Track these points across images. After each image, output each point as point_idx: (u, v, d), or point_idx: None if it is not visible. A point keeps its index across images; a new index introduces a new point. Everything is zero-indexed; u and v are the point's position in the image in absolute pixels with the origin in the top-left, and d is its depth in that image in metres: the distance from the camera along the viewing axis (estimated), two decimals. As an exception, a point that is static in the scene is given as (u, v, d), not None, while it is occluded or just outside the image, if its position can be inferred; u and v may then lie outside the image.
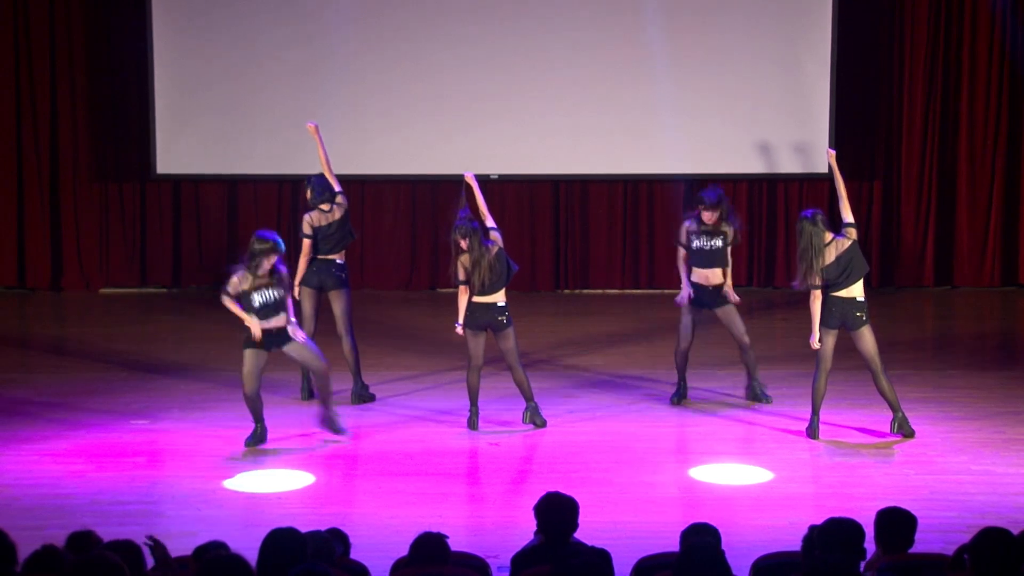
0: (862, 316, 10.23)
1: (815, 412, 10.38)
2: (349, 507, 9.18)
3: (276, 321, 10.10)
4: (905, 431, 10.37)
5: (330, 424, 10.33)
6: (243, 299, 10.08)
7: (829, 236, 10.24)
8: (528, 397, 10.73)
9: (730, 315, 11.12)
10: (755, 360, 11.29)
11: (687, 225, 11.20)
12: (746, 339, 11.15)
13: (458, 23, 15.39)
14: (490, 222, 10.71)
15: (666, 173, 15.72)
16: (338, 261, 11.30)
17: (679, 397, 11.34)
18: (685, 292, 11.17)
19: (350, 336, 11.25)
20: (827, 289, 10.22)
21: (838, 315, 10.23)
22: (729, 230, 11.10)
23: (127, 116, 15.74)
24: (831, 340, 10.28)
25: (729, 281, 11.18)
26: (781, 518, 8.78)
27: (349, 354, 11.28)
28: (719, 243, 11.06)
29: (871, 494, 9.05)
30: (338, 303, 11.29)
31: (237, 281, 10.12)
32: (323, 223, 11.29)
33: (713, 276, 11.12)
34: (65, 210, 15.95)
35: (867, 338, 10.23)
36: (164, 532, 8.15)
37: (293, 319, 10.21)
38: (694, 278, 11.16)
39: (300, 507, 9.04)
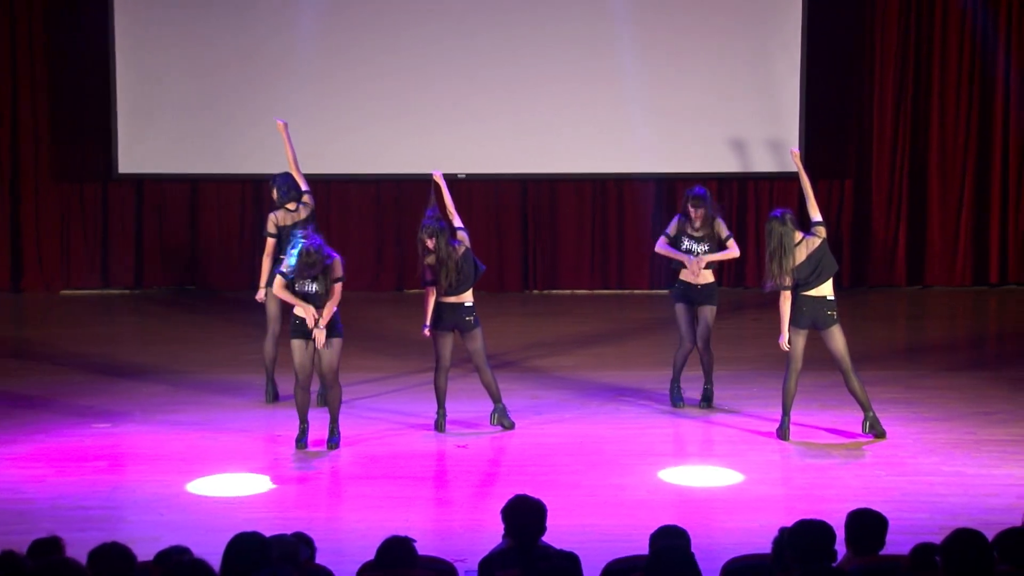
0: (832, 315, 10.27)
1: (785, 413, 10.42)
2: (314, 511, 9.16)
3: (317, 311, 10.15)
4: (876, 432, 10.41)
5: (329, 437, 10.33)
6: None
7: (799, 236, 10.27)
8: (496, 399, 10.74)
9: (706, 316, 11.11)
10: (711, 365, 11.28)
11: (679, 221, 11.15)
12: (704, 347, 11.13)
13: (424, 20, 15.38)
14: (457, 222, 10.71)
15: (635, 172, 15.75)
16: None
17: (681, 400, 11.30)
18: (690, 259, 11.10)
19: None
20: (797, 289, 10.26)
21: (809, 315, 10.27)
22: (721, 230, 11.06)
23: (88, 114, 15.68)
24: (801, 340, 10.32)
25: (713, 257, 11.06)
26: (751, 520, 8.80)
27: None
28: (706, 248, 11.06)
29: (842, 496, 9.08)
30: None
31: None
32: (288, 222, 11.27)
33: (703, 276, 11.13)
34: (25, 210, 15.87)
35: (837, 337, 10.27)
36: (126, 537, 8.09)
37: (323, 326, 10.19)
38: (682, 276, 11.15)
39: (264, 511, 9.02)
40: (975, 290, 16.17)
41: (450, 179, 13.70)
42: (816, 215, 10.41)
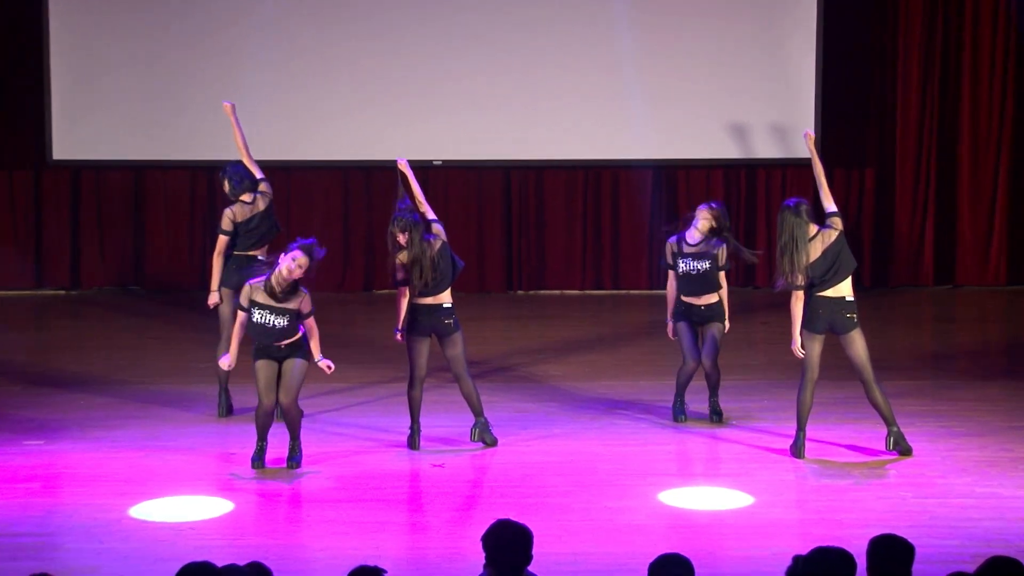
0: (852, 318, 10.26)
1: (801, 428, 10.41)
2: (273, 538, 9.14)
3: (278, 343, 10.14)
4: (901, 448, 10.41)
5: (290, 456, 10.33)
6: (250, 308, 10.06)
7: (814, 229, 10.25)
8: (477, 412, 10.72)
9: (713, 334, 11.11)
10: (718, 381, 11.31)
11: (671, 243, 11.19)
12: (712, 365, 11.14)
13: (396, -10, 15.39)
14: (430, 214, 10.69)
15: (632, 159, 15.76)
16: (260, 257, 11.25)
17: (684, 414, 11.32)
18: (671, 326, 11.22)
19: None
20: (812, 288, 10.24)
21: (825, 318, 10.25)
22: (719, 251, 11.10)
23: (19, 94, 15.62)
24: (817, 346, 10.30)
25: (725, 307, 11.20)
26: (762, 547, 8.80)
27: None
28: (707, 265, 11.09)
29: (863, 520, 9.09)
30: None
31: (250, 289, 10.06)
32: (246, 216, 11.26)
33: (706, 299, 11.17)
34: (-52, 201, 15.85)
35: (858, 343, 10.26)
36: (62, 567, 8.12)
37: (321, 358, 10.21)
38: (683, 298, 11.18)
39: (216, 538, 9.00)
40: (1010, 290, 16.20)
41: (425, 167, 13.70)
42: (830, 205, 10.37)
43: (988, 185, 16.14)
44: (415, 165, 11.08)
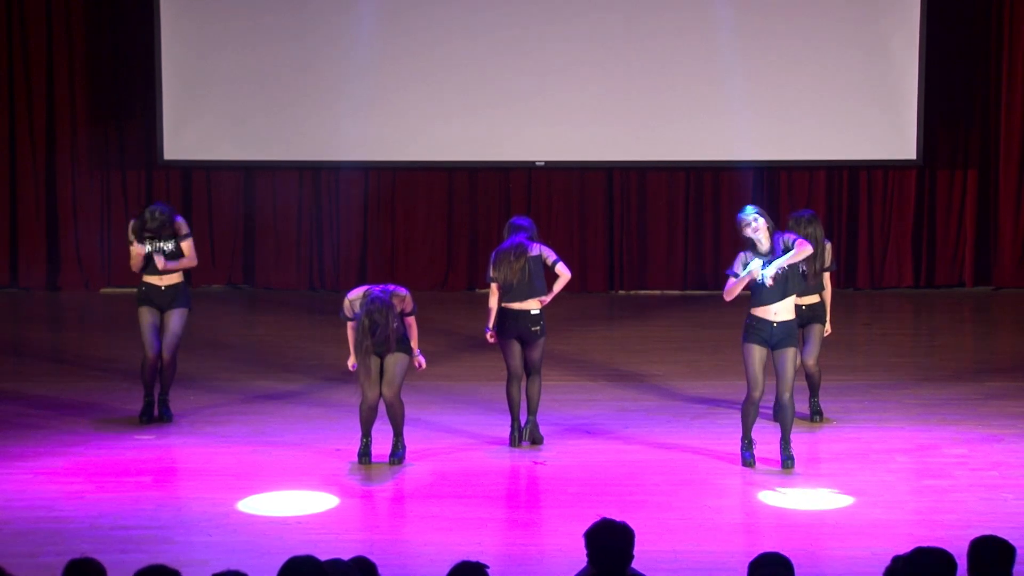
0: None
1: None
2: (376, 533, 9.20)
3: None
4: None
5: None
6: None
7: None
8: (532, 411, 10.77)
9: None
10: (819, 381, 11.25)
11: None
12: (813, 364, 11.09)
13: (504, -2, 15.41)
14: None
15: (734, 160, 15.67)
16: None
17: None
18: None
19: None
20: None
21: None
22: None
23: (131, 97, 15.78)
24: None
25: (827, 309, 11.23)
26: (862, 547, 8.75)
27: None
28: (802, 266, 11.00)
29: (964, 521, 9.02)
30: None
31: (349, 304, 10.23)
32: None
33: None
34: (63, 201, 16.01)
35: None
36: (172, 559, 8.19)
37: (418, 353, 10.37)
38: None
39: (322, 532, 9.07)
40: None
41: (528, 167, 13.69)
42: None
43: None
44: (518, 166, 11.12)
